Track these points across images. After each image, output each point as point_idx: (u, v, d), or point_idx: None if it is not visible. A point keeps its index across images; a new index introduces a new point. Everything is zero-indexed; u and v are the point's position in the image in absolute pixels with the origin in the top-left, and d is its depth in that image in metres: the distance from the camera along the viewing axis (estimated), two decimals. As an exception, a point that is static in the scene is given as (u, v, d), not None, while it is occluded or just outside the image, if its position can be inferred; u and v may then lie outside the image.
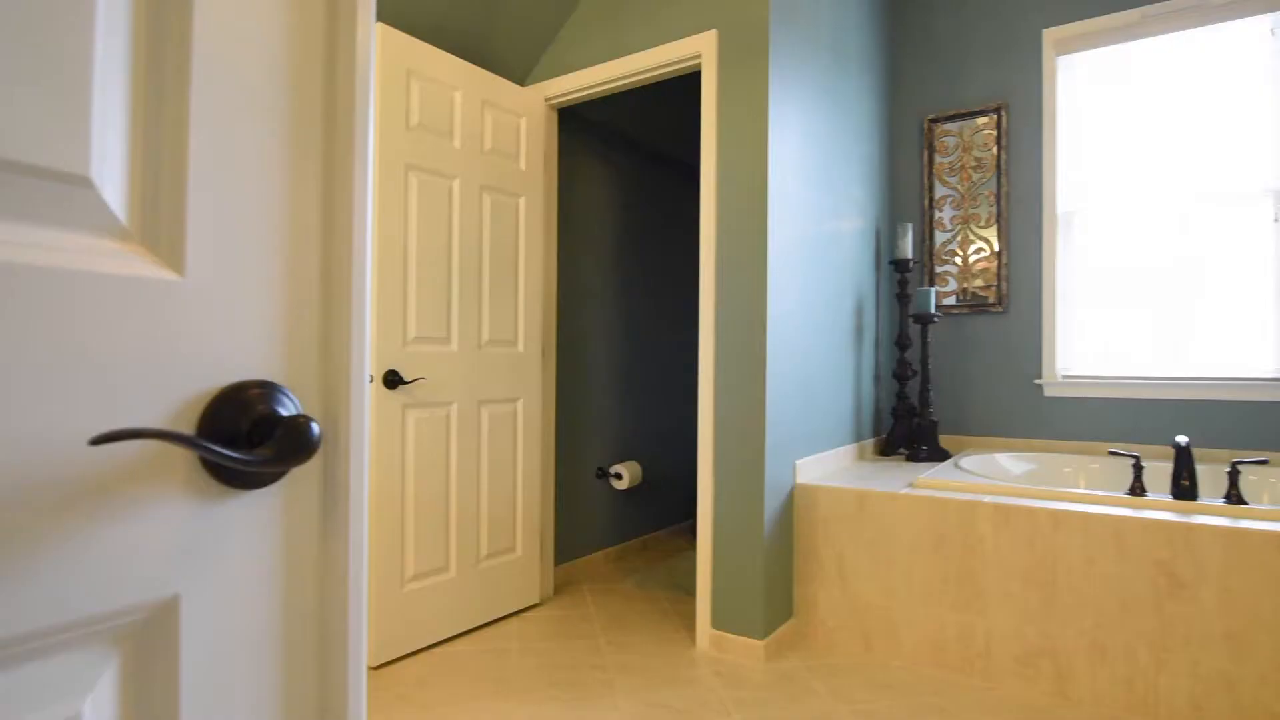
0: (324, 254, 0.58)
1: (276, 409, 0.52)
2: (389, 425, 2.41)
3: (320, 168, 0.57)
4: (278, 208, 0.54)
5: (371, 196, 0.58)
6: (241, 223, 0.52)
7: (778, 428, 2.54)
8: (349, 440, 0.57)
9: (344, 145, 0.58)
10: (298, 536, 0.55)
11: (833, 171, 2.99)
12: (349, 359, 0.57)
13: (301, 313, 0.56)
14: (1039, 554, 2.20)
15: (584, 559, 3.45)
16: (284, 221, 0.54)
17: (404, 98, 2.45)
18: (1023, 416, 3.27)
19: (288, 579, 0.55)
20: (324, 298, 0.57)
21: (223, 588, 0.51)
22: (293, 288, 0.55)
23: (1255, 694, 1.92)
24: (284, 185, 0.54)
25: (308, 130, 0.56)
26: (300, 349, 0.56)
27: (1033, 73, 3.28)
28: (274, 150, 0.54)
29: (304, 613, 0.56)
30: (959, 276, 3.44)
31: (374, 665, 2.37)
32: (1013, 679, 2.24)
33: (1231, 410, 2.86)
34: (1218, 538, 1.97)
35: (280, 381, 0.54)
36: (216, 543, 0.50)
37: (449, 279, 2.61)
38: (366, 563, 0.60)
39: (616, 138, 3.69)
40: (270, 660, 0.54)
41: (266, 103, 0.53)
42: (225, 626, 0.51)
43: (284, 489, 0.54)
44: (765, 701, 2.17)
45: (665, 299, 4.10)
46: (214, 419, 0.49)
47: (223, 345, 0.51)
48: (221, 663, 0.50)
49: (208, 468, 0.50)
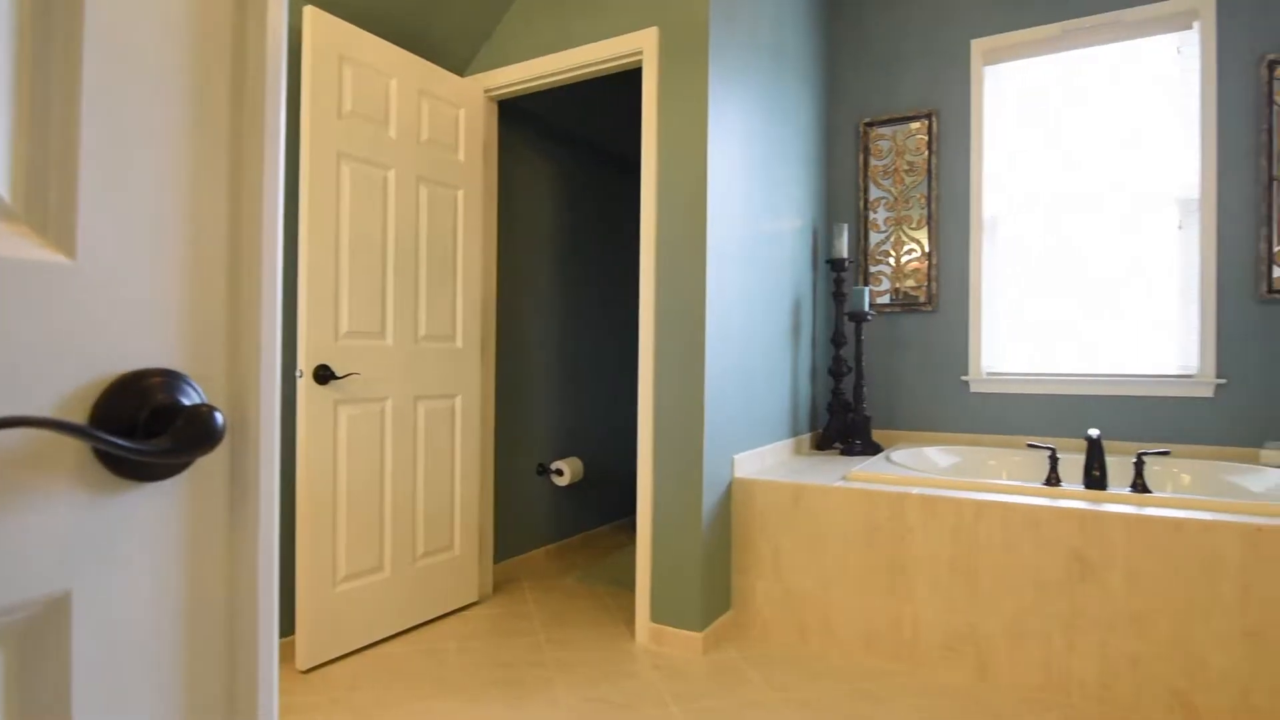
0: (232, 240, 0.56)
1: (178, 398, 0.50)
2: (320, 421, 2.34)
3: (228, 150, 0.55)
4: (180, 191, 0.52)
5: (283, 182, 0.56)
6: (139, 205, 0.50)
7: (716, 423, 2.57)
8: (258, 431, 0.56)
9: (254, 128, 0.56)
10: (203, 530, 0.54)
11: (772, 171, 3.04)
12: (259, 348, 0.56)
13: (207, 300, 0.54)
14: (963, 543, 2.29)
15: (524, 556, 3.43)
16: (187, 205, 0.52)
17: (336, 84, 2.38)
18: (951, 411, 3.40)
19: (192, 574, 0.53)
20: (232, 285, 0.56)
21: (120, 583, 0.49)
22: (197, 274, 0.53)
23: (1157, 671, 2.04)
24: (187, 167, 0.52)
25: (214, 110, 0.54)
26: (206, 337, 0.54)
27: (962, 81, 3.40)
28: (176, 130, 0.52)
29: (211, 609, 0.54)
30: (892, 276, 3.54)
31: (305, 669, 2.31)
32: (939, 664, 2.33)
33: (1139, 405, 3.03)
34: (1124, 524, 2.09)
35: (183, 370, 0.52)
36: (112, 536, 0.48)
37: (384, 272, 2.56)
38: (277, 557, 0.58)
39: (559, 132, 3.67)
40: (173, 658, 0.52)
41: (168, 79, 0.51)
42: (122, 623, 0.49)
43: (187, 481, 0.52)
44: (702, 693, 2.20)
45: (608, 295, 4.11)
46: (108, 408, 0.47)
47: (119, 332, 0.48)
48: (118, 661, 0.48)
49: (102, 459, 0.48)
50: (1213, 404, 2.92)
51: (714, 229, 2.55)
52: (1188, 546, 2.01)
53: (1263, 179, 2.84)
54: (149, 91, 0.50)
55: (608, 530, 4.10)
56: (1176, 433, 2.98)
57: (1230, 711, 1.96)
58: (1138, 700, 2.06)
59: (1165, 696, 2.03)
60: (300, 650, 2.30)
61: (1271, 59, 2.82)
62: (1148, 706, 2.05)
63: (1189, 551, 2.01)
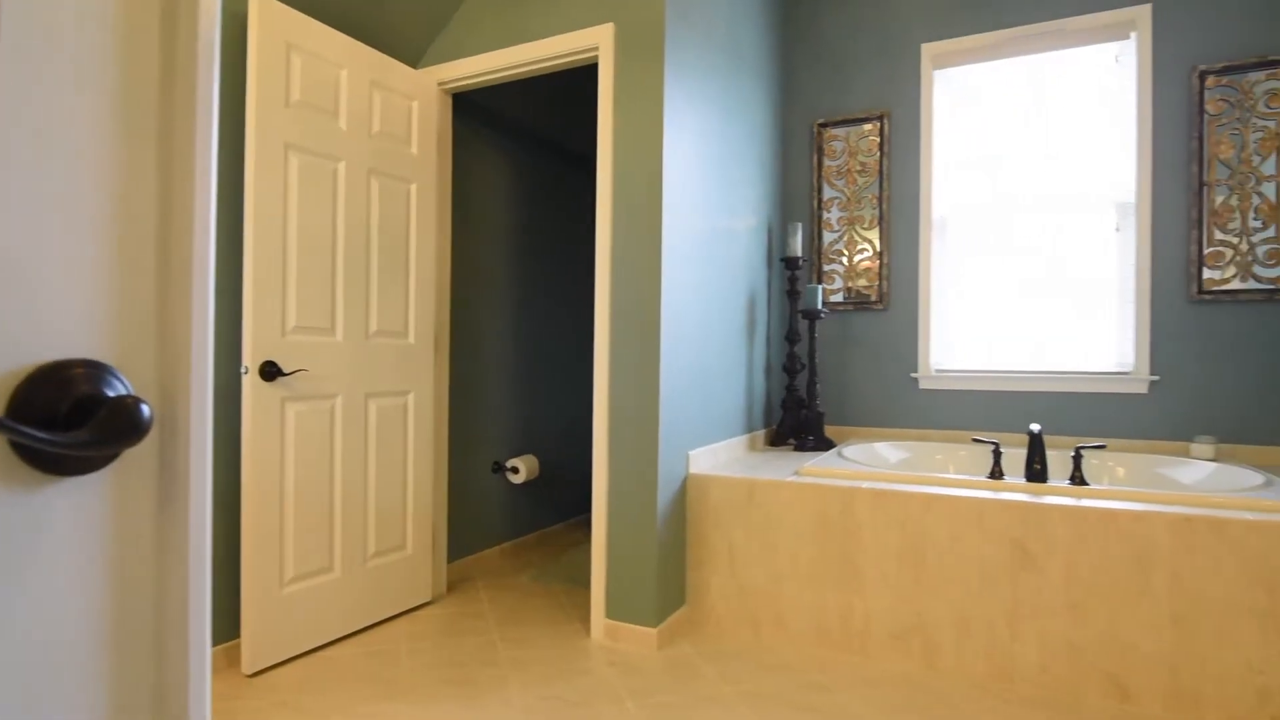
0: (162, 229, 0.54)
1: (102, 390, 0.49)
2: (266, 419, 2.28)
3: (157, 136, 0.53)
4: (105, 178, 0.50)
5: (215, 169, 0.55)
6: (58, 191, 0.48)
7: (672, 419, 2.58)
8: (189, 424, 0.54)
9: (185, 113, 0.54)
10: (130, 526, 0.52)
11: (728, 169, 3.06)
12: (189, 339, 0.54)
13: (135, 290, 0.52)
14: (911, 536, 2.35)
15: (479, 555, 3.40)
16: (112, 194, 0.51)
17: (283, 73, 2.32)
18: (901, 408, 3.48)
19: (117, 571, 0.51)
20: (162, 275, 0.54)
21: (38, 580, 0.47)
22: (124, 263, 0.51)
23: (1093, 657, 2.13)
24: (112, 154, 0.51)
25: (141, 94, 0.52)
26: (133, 328, 0.52)
27: (912, 84, 3.47)
28: (98, 115, 0.50)
29: (138, 607, 0.52)
30: (845, 275, 3.60)
31: (250, 673, 2.25)
32: (889, 654, 2.38)
33: (1078, 401, 3.15)
34: (1063, 516, 2.17)
35: (109, 361, 0.51)
36: (30, 532, 0.46)
37: (333, 266, 2.50)
38: (209, 554, 0.57)
39: (516, 128, 3.64)
40: (96, 658, 0.50)
41: (90, 61, 0.49)
42: (41, 621, 0.47)
43: (113, 476, 0.51)
44: (657, 688, 2.21)
45: (565, 292, 4.09)
46: (26, 399, 0.45)
47: (38, 321, 0.47)
48: (37, 661, 0.47)
49: (19, 452, 0.46)
50: (1147, 400, 3.04)
51: (669, 226, 2.56)
52: (1122, 537, 2.10)
53: (1194, 185, 2.97)
54: (69, 75, 0.48)
55: (564, 528, 4.09)
56: (1113, 427, 3.10)
57: (1160, 692, 2.05)
58: (1075, 684, 2.14)
59: (1100, 680, 2.11)
60: (246, 653, 2.24)
61: (1203, 70, 2.95)
62: (1084, 689, 2.13)
63: (1123, 541, 2.10)
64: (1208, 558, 2.01)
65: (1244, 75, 2.90)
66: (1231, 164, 2.92)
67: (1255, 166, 2.89)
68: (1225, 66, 2.92)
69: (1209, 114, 2.95)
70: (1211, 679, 2.00)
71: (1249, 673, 1.97)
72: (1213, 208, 2.95)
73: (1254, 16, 2.91)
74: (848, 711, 2.06)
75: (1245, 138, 2.90)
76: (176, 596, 0.54)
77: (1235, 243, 2.91)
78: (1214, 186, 2.95)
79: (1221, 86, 2.93)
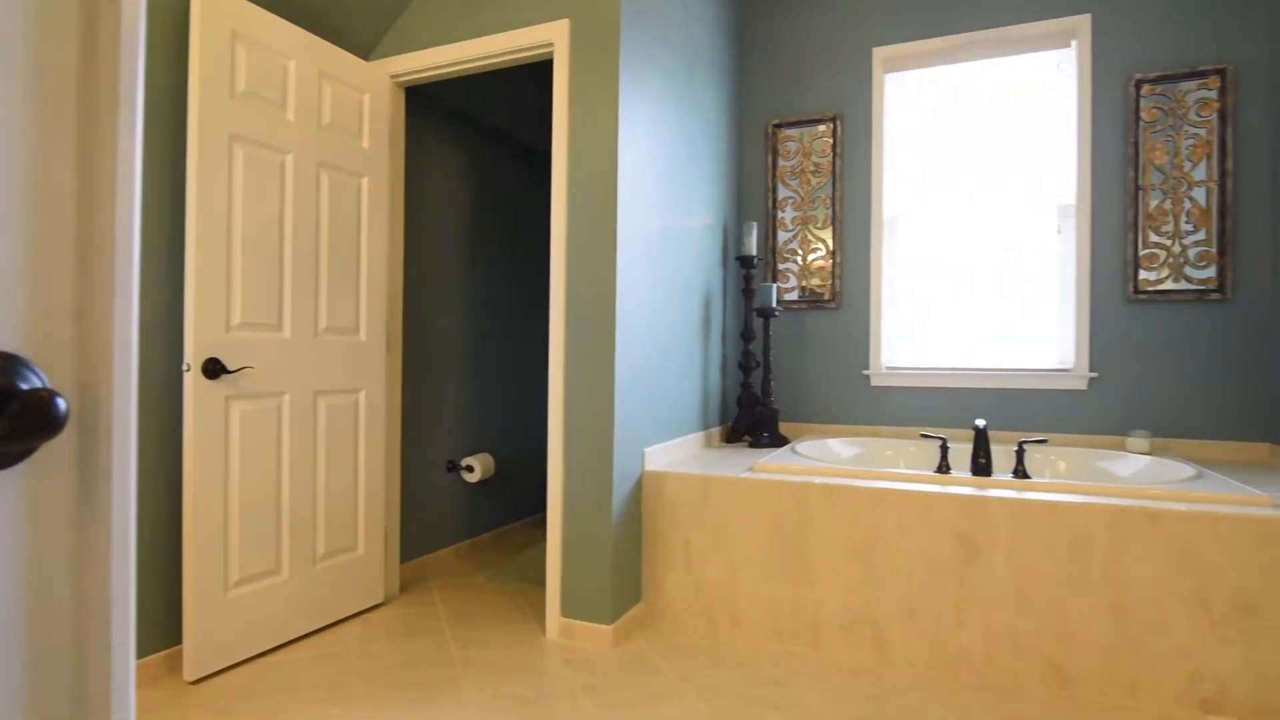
0: (81, 217, 0.52)
1: (15, 383, 0.47)
2: (209, 417, 2.22)
3: (76, 121, 0.51)
4: (16, 165, 0.48)
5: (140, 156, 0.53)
6: (-33, 172, 0.46)
7: (627, 416, 2.59)
8: (111, 420, 0.52)
9: (108, 100, 0.52)
10: (47, 525, 0.50)
11: (683, 168, 3.07)
12: (111, 332, 0.52)
13: (52, 281, 0.50)
14: (861, 529, 2.39)
15: (433, 555, 3.35)
16: (23, 181, 0.49)
17: (228, 62, 2.25)
18: (853, 404, 3.54)
19: (33, 571, 0.49)
20: (81, 266, 0.52)
21: (-56, 586, 0.45)
22: (39, 253, 0.49)
23: (1035, 644, 2.20)
24: (22, 139, 0.49)
25: (59, 80, 0.50)
26: (50, 320, 0.50)
27: (865, 86, 3.54)
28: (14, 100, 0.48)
29: (55, 611, 0.50)
30: (799, 274, 3.65)
31: (193, 679, 2.18)
32: (840, 646, 2.42)
33: (1022, 397, 3.25)
34: (1006, 508, 2.23)
35: (23, 354, 0.48)
36: (-66, 535, 0.44)
37: (281, 260, 2.44)
38: (133, 553, 0.55)
39: (472, 123, 3.59)
40: (8, 666, 0.48)
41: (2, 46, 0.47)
42: (-52, 630, 0.45)
43: (27, 472, 0.49)
44: (612, 685, 2.21)
45: (520, 289, 4.06)
46: (-71, 394, 0.43)
47: (-57, 311, 0.44)
48: (-57, 671, 0.45)
49: (-78, 450, 0.44)
50: (1086, 396, 3.16)
51: (625, 223, 2.56)
52: (1061, 528, 2.17)
53: (1130, 189, 3.09)
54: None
55: (520, 527, 4.06)
56: (1054, 422, 3.20)
57: (1097, 677, 2.13)
58: (1017, 671, 2.21)
59: (1041, 666, 2.19)
60: (188, 660, 2.17)
61: (1139, 79, 3.07)
62: (1026, 676, 2.20)
63: (1062, 532, 2.17)
64: (1142, 547, 2.09)
65: (1177, 84, 3.03)
66: (1165, 169, 3.05)
67: (1186, 172, 3.02)
68: (1160, 75, 3.04)
69: (1144, 121, 3.07)
70: (1146, 664, 2.09)
71: (1180, 657, 2.06)
72: (1147, 211, 3.07)
73: (1187, 29, 3.04)
74: (800, 703, 2.10)
75: (1178, 144, 3.03)
76: (98, 600, 0.52)
77: (1169, 245, 3.04)
78: (1149, 191, 3.07)
79: (1156, 95, 3.06)
